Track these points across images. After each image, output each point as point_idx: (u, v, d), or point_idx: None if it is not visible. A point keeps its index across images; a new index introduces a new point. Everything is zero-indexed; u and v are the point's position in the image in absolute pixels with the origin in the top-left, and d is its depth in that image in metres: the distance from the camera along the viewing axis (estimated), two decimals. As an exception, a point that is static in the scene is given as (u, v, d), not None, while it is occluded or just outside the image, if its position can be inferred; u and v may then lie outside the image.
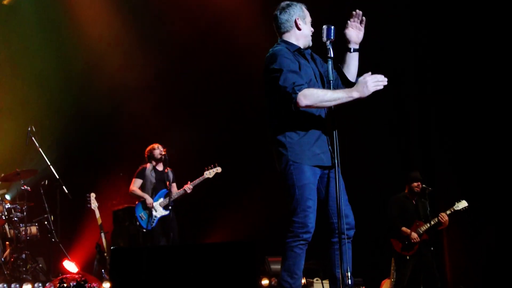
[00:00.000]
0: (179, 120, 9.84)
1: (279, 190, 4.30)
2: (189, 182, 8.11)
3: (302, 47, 4.31)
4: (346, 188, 4.20)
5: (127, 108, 10.05)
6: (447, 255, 8.39)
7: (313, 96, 3.95)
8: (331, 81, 4.08)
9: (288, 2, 4.35)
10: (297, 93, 3.94)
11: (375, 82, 3.99)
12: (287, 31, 4.31)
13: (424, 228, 7.53)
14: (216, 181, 8.23)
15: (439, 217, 7.46)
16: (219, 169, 8.19)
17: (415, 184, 7.71)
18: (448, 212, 7.47)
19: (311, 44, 4.37)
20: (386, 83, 4.03)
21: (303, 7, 4.35)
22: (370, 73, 4.05)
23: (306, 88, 3.99)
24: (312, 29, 4.35)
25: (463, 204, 7.43)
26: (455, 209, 7.45)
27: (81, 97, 10.09)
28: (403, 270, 7.60)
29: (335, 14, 5.30)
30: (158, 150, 8.21)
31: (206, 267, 4.06)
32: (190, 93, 9.97)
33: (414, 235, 7.54)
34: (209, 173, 8.14)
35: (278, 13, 4.32)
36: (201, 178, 8.13)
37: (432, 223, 7.45)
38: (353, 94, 3.99)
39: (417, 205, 7.77)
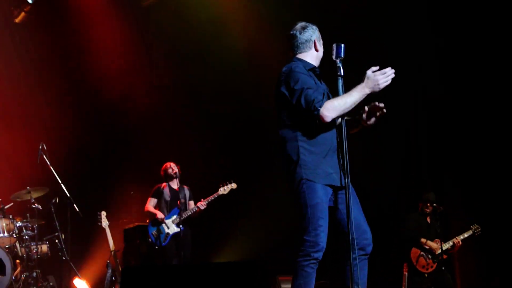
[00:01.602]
0: (192, 138, 9.84)
1: (290, 209, 4.28)
2: (202, 199, 8.07)
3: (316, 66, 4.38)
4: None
5: (139, 126, 10.07)
6: (458, 276, 8.33)
7: (335, 107, 4.00)
8: None
9: (304, 23, 4.40)
10: (319, 109, 3.99)
11: (384, 77, 4.04)
12: (305, 51, 4.36)
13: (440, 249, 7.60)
14: (227, 198, 8.16)
15: (454, 241, 7.61)
16: (234, 186, 8.07)
17: (425, 206, 7.89)
18: (461, 237, 7.65)
19: (318, 64, 4.43)
20: (393, 75, 4.06)
21: (317, 29, 4.42)
22: (378, 67, 4.07)
23: (325, 101, 4.03)
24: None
25: (476, 228, 7.63)
26: (469, 234, 7.65)
27: (92, 115, 10.13)
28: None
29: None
30: (171, 168, 8.21)
31: (217, 286, 4.04)
32: (203, 109, 9.95)
33: (434, 245, 7.61)
34: (223, 190, 8.02)
35: (298, 33, 4.36)
36: (215, 195, 8.02)
37: (447, 246, 7.59)
38: (366, 90, 4.04)
39: (431, 224, 7.89)
